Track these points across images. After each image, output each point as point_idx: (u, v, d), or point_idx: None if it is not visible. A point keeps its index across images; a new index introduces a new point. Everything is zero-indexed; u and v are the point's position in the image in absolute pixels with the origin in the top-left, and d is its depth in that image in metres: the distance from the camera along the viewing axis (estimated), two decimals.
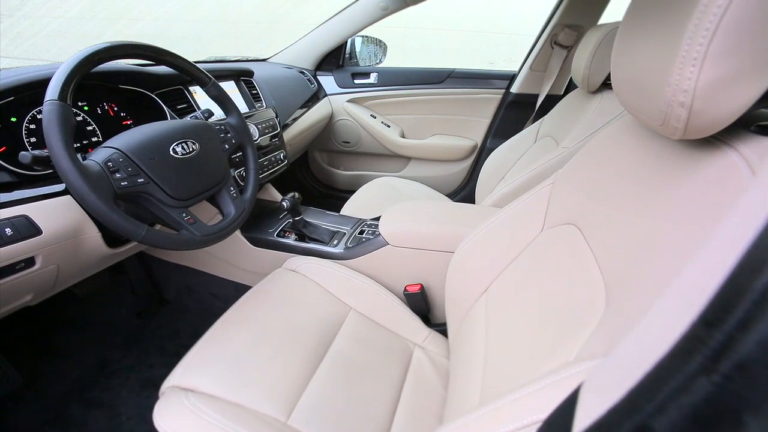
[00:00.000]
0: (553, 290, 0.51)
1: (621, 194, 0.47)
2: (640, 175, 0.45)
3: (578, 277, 0.48)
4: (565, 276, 0.51)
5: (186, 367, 0.64)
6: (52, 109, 0.51)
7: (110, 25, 5.59)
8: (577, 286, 0.47)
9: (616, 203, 0.47)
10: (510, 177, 1.26)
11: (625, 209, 0.45)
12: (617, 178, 0.49)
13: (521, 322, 0.53)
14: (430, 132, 1.66)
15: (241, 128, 0.79)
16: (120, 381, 1.02)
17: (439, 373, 0.77)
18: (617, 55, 0.45)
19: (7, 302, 0.65)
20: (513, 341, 0.53)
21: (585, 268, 0.48)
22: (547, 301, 0.50)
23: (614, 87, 0.47)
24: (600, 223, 0.49)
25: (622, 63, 0.43)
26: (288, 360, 0.68)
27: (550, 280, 0.53)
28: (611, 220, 0.47)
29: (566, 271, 0.51)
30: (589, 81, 0.98)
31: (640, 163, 0.46)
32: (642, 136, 0.48)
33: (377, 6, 1.35)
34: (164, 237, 0.60)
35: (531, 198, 0.68)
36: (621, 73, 0.44)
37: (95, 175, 0.54)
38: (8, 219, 0.57)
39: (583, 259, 0.49)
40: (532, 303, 0.53)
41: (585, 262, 0.48)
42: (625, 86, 0.43)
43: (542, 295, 0.52)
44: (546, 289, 0.52)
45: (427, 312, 0.92)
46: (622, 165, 0.49)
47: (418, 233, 0.88)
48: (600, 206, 0.51)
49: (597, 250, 0.48)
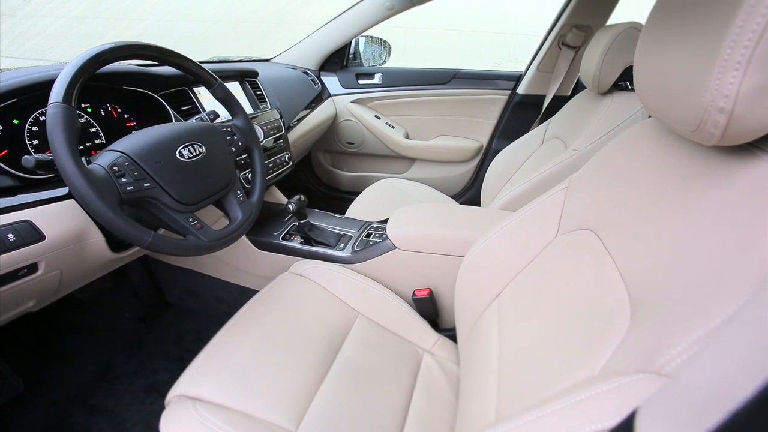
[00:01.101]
0: (571, 299, 0.49)
1: (644, 200, 0.46)
2: (666, 181, 0.43)
3: (599, 285, 0.47)
4: (585, 284, 0.49)
5: (192, 375, 0.63)
6: (57, 112, 0.49)
7: (113, 25, 5.57)
8: (599, 296, 0.46)
9: (639, 209, 0.46)
10: (517, 179, 1.25)
11: (650, 216, 0.44)
12: (639, 184, 0.48)
13: (538, 331, 0.52)
14: (434, 133, 1.64)
15: (248, 130, 0.78)
16: (123, 386, 1.00)
17: (449, 380, 0.75)
18: (641, 57, 0.44)
19: (8, 309, 0.64)
20: (529, 351, 0.51)
21: (606, 277, 0.46)
22: (565, 310, 0.49)
23: (638, 90, 0.45)
24: (621, 230, 0.48)
25: (648, 65, 0.42)
26: (296, 367, 0.66)
27: (568, 288, 0.51)
28: (633, 227, 0.46)
29: (585, 279, 0.50)
30: (599, 82, 0.97)
31: (666, 168, 0.44)
32: (667, 141, 0.47)
33: (382, 6, 1.34)
34: (171, 243, 0.58)
35: (544, 202, 0.67)
36: (646, 76, 0.42)
37: (101, 179, 0.53)
38: (10, 224, 0.55)
39: (603, 267, 0.48)
40: (549, 311, 0.52)
41: (605, 270, 0.47)
42: (652, 90, 0.41)
43: (560, 304, 0.51)
44: (564, 298, 0.51)
45: (436, 317, 0.91)
46: (645, 170, 0.48)
47: (427, 237, 0.87)
48: (620, 212, 0.49)
49: (618, 258, 0.46)
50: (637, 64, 0.44)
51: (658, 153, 0.47)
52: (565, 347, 0.45)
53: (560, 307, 0.50)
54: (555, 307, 0.51)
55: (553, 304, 0.52)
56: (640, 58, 0.44)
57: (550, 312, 0.52)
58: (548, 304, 0.53)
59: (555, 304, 0.51)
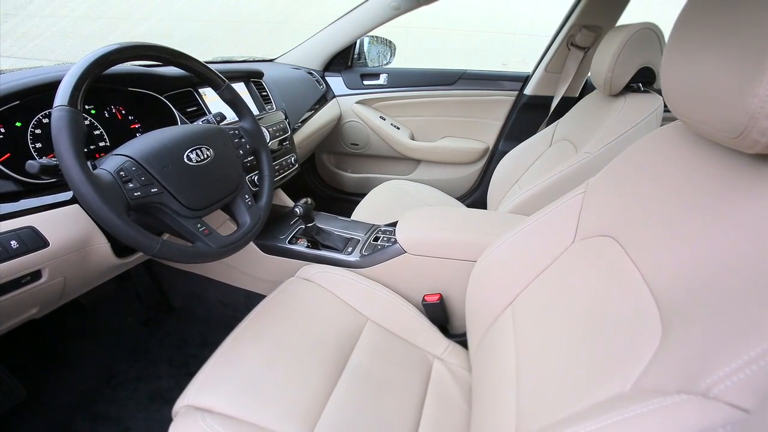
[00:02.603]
0: (594, 308, 0.48)
1: (672, 207, 0.44)
2: (699, 188, 0.41)
3: (623, 295, 0.45)
4: (607, 293, 0.48)
5: (200, 385, 0.61)
6: (62, 115, 0.48)
7: (117, 25, 5.53)
8: (624, 306, 0.44)
9: (666, 216, 0.44)
10: (525, 181, 1.23)
11: (678, 223, 0.42)
12: (666, 190, 0.46)
13: (558, 342, 0.50)
14: (440, 134, 1.62)
15: (256, 133, 0.76)
16: (127, 393, 0.98)
17: (461, 387, 0.74)
18: (671, 62, 0.42)
19: (11, 317, 0.63)
20: (550, 362, 0.50)
21: (631, 287, 0.45)
22: (588, 320, 0.47)
23: (666, 96, 0.44)
24: (646, 238, 0.46)
25: (679, 70, 0.40)
26: (306, 376, 0.65)
27: (590, 297, 0.50)
28: (659, 234, 0.44)
29: (608, 288, 0.48)
30: (611, 84, 0.95)
31: (698, 174, 0.43)
32: (698, 146, 0.45)
33: (389, 6, 1.32)
34: (179, 250, 0.57)
35: (560, 207, 0.65)
36: (677, 80, 0.41)
37: (107, 185, 0.51)
38: (14, 231, 0.54)
39: (627, 276, 0.46)
40: (570, 321, 0.50)
41: (630, 280, 0.45)
42: (683, 95, 0.40)
43: (582, 314, 0.49)
44: (585, 307, 0.49)
45: (446, 322, 0.89)
46: (673, 176, 0.46)
47: (438, 241, 0.85)
48: (644, 218, 0.48)
49: (644, 267, 0.45)
50: (666, 69, 0.43)
51: (688, 158, 0.45)
52: (590, 359, 0.43)
53: (582, 316, 0.49)
54: (576, 317, 0.49)
55: (573, 313, 0.50)
56: (669, 63, 0.42)
57: (571, 322, 0.50)
58: (568, 313, 0.51)
59: (576, 314, 0.50)
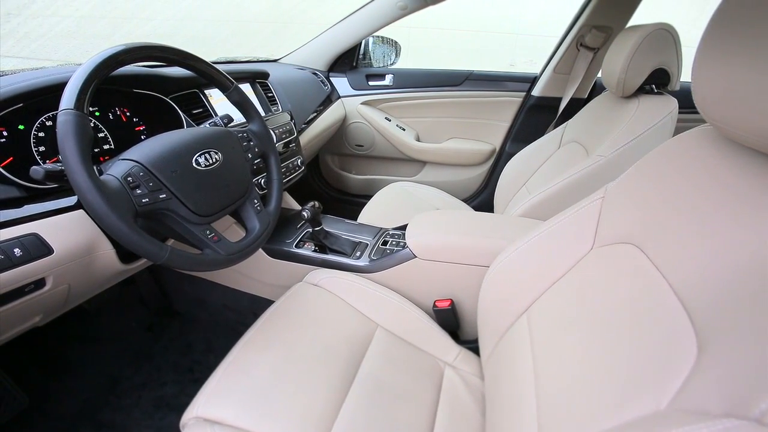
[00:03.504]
0: (620, 320, 0.46)
1: (704, 214, 0.42)
2: (735, 195, 0.40)
3: (651, 307, 0.43)
4: (634, 305, 0.46)
5: (209, 395, 0.60)
6: (68, 119, 0.46)
7: (121, 25, 5.48)
8: (653, 319, 0.42)
9: (698, 224, 0.43)
10: (534, 183, 1.21)
11: (713, 232, 0.40)
12: (697, 197, 0.44)
13: (582, 353, 0.48)
14: (446, 135, 1.61)
15: (264, 136, 0.74)
16: (132, 400, 0.97)
17: (473, 395, 0.72)
18: (704, 66, 0.40)
19: (14, 326, 0.61)
20: (573, 374, 0.48)
21: (660, 298, 0.43)
22: (613, 332, 0.46)
23: (698, 100, 0.42)
24: (673, 246, 0.45)
25: (713, 75, 0.39)
26: (317, 385, 0.63)
27: (614, 307, 0.48)
28: (691, 243, 0.42)
29: (634, 300, 0.46)
30: (624, 85, 0.93)
31: (734, 181, 0.41)
32: (731, 152, 0.43)
33: (395, 5, 1.30)
34: (188, 258, 0.55)
35: (578, 212, 0.63)
36: (712, 85, 0.39)
37: (114, 191, 0.49)
38: (17, 238, 0.52)
39: (654, 287, 0.44)
40: (594, 332, 0.48)
41: (658, 291, 0.44)
42: (718, 100, 0.38)
43: (606, 325, 0.47)
44: (610, 319, 0.47)
45: (457, 328, 0.88)
46: (705, 182, 0.44)
47: (449, 246, 0.83)
48: (671, 226, 0.46)
49: (673, 278, 0.43)
50: (699, 74, 0.41)
51: (721, 164, 0.43)
52: (617, 374, 0.42)
53: (606, 328, 0.47)
54: (600, 329, 0.48)
55: (597, 324, 0.49)
56: (702, 67, 0.41)
57: (594, 333, 0.48)
58: (591, 324, 0.50)
59: (600, 325, 0.48)
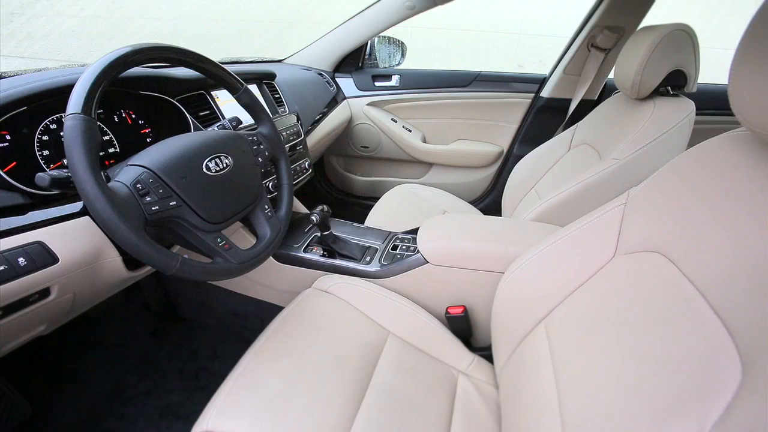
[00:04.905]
0: (650, 333, 0.44)
1: (741, 223, 0.40)
2: None
3: (684, 321, 0.41)
4: (664, 317, 0.44)
5: (220, 407, 0.58)
6: (76, 124, 0.44)
7: (127, 25, 5.37)
8: (688, 333, 0.40)
9: (732, 232, 0.41)
10: (543, 186, 1.19)
11: (752, 242, 0.38)
12: (730, 203, 0.43)
13: (611, 368, 0.46)
14: (453, 137, 1.59)
15: (275, 139, 0.72)
16: (137, 408, 0.94)
17: (488, 405, 0.70)
18: (742, 69, 0.39)
19: (18, 336, 0.59)
20: (602, 390, 0.46)
21: (692, 311, 0.41)
22: (645, 347, 0.44)
23: (736, 104, 0.40)
24: (706, 255, 0.43)
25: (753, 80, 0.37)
26: (330, 396, 0.61)
27: (642, 320, 0.46)
28: (727, 253, 0.40)
29: (664, 312, 0.44)
30: (640, 87, 0.91)
31: None
32: None
33: (403, 5, 1.28)
34: (199, 268, 0.53)
35: (599, 218, 0.62)
36: (751, 90, 0.37)
37: (124, 199, 0.47)
38: (21, 247, 0.50)
39: (686, 299, 0.42)
40: (622, 345, 0.46)
41: (690, 303, 0.42)
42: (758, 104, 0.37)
43: (636, 338, 0.45)
44: (639, 332, 0.45)
45: (470, 335, 0.86)
46: (741, 187, 0.42)
47: (462, 251, 0.81)
48: (703, 233, 0.44)
49: (707, 290, 0.41)
50: (737, 78, 0.40)
51: (759, 171, 0.41)
52: (652, 392, 0.40)
53: (636, 342, 0.45)
54: (629, 342, 0.46)
55: (625, 337, 0.47)
56: (740, 70, 0.39)
57: (623, 347, 0.46)
58: (618, 336, 0.48)
59: (629, 338, 0.46)
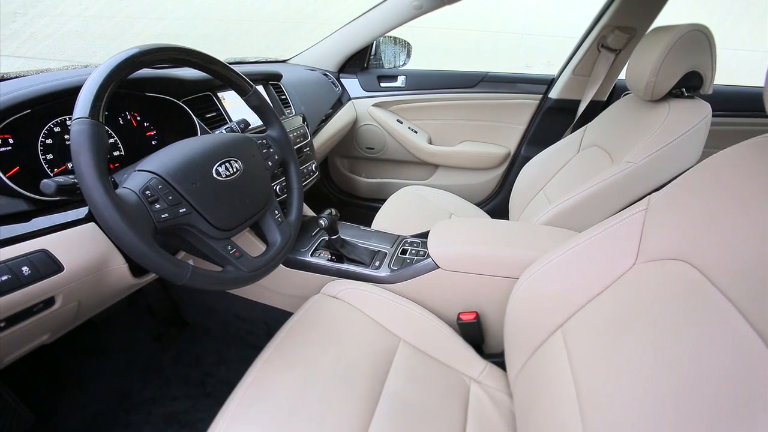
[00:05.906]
0: (678, 343, 0.42)
1: None
2: None
3: (715, 332, 0.40)
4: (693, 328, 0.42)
5: (230, 419, 0.56)
6: (83, 129, 0.42)
7: (131, 25, 5.31)
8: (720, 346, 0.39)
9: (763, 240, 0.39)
10: (552, 189, 1.18)
11: None
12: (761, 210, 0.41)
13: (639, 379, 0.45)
14: (459, 138, 1.57)
15: (285, 142, 0.70)
16: (141, 416, 0.93)
17: (502, 413, 0.69)
18: None
19: (22, 345, 0.57)
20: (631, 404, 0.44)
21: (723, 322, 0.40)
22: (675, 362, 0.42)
23: None
24: (735, 263, 0.41)
25: None
26: (342, 407, 0.60)
27: (668, 329, 0.45)
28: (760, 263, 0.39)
29: (692, 322, 0.43)
30: (654, 89, 0.89)
31: None
32: None
33: (410, 5, 1.26)
34: (210, 277, 0.51)
35: (618, 224, 0.60)
36: None
37: (132, 207, 0.45)
38: (25, 255, 0.48)
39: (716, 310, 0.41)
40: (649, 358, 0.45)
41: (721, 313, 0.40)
42: None
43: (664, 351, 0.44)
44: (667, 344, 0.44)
45: (482, 342, 0.84)
46: None
47: (476, 256, 0.80)
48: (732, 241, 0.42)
49: (738, 299, 0.40)
50: None
51: None
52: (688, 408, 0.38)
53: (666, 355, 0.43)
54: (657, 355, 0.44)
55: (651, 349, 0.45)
56: None
57: (650, 359, 0.45)
58: (643, 348, 0.46)
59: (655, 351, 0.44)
